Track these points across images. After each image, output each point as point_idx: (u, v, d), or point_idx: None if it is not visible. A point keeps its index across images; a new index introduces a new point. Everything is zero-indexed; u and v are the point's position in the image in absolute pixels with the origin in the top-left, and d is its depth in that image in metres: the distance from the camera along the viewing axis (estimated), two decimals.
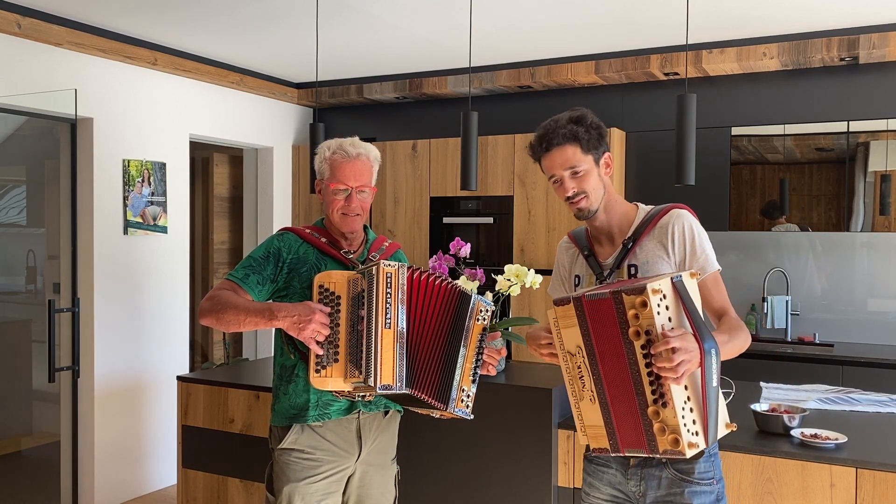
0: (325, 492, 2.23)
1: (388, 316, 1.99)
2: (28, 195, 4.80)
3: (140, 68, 4.62)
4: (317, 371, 2.03)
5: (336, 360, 2.03)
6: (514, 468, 2.77)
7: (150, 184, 4.65)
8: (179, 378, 3.40)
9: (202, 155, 6.04)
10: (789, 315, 4.48)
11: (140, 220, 4.58)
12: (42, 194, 4.67)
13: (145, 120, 4.66)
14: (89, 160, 4.34)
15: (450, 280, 2.12)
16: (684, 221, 1.95)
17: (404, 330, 2.02)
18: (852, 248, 4.45)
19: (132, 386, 4.59)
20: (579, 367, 1.77)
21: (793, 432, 2.43)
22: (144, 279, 4.65)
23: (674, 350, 1.61)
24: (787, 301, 4.46)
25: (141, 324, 4.64)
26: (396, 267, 2.02)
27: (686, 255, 1.93)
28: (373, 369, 1.96)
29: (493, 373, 2.17)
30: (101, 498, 4.40)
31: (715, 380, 1.68)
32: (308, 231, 2.31)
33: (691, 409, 1.67)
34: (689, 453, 1.64)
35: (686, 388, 1.67)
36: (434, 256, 3.03)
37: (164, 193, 4.76)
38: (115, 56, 4.40)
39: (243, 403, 3.19)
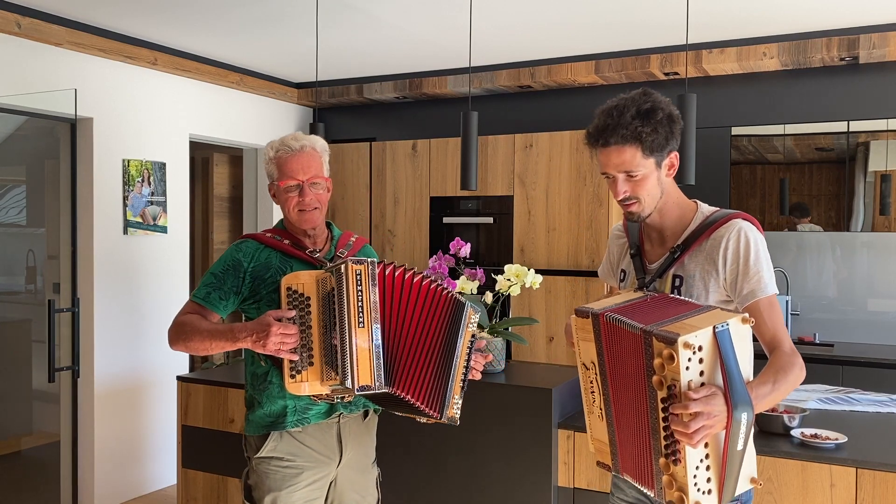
0: (308, 499, 2.16)
1: (361, 314, 1.92)
2: (28, 195, 4.80)
3: (140, 68, 4.62)
4: (292, 376, 1.96)
5: (311, 364, 1.96)
6: (514, 468, 2.77)
7: (149, 184, 4.65)
8: (179, 378, 3.40)
9: (202, 155, 6.04)
10: (789, 315, 4.48)
11: (140, 220, 4.58)
12: (42, 194, 4.67)
13: (145, 120, 4.66)
14: (89, 160, 4.34)
15: (435, 280, 2.04)
16: (742, 236, 1.74)
17: (380, 328, 1.95)
18: (852, 248, 4.45)
19: (132, 386, 4.59)
20: (591, 383, 1.71)
21: (793, 432, 2.44)
22: (144, 279, 4.65)
23: (694, 414, 1.47)
24: (787, 301, 4.46)
25: (141, 324, 4.63)
26: (366, 263, 1.94)
27: (738, 274, 1.74)
28: (349, 370, 1.89)
29: (477, 377, 2.09)
30: (101, 498, 4.40)
31: (741, 443, 1.53)
32: (268, 235, 2.22)
33: (707, 468, 1.54)
34: None
35: (706, 445, 1.53)
36: (434, 256, 3.04)
37: (164, 193, 4.76)
38: (115, 56, 4.40)
39: (243, 403, 3.18)
